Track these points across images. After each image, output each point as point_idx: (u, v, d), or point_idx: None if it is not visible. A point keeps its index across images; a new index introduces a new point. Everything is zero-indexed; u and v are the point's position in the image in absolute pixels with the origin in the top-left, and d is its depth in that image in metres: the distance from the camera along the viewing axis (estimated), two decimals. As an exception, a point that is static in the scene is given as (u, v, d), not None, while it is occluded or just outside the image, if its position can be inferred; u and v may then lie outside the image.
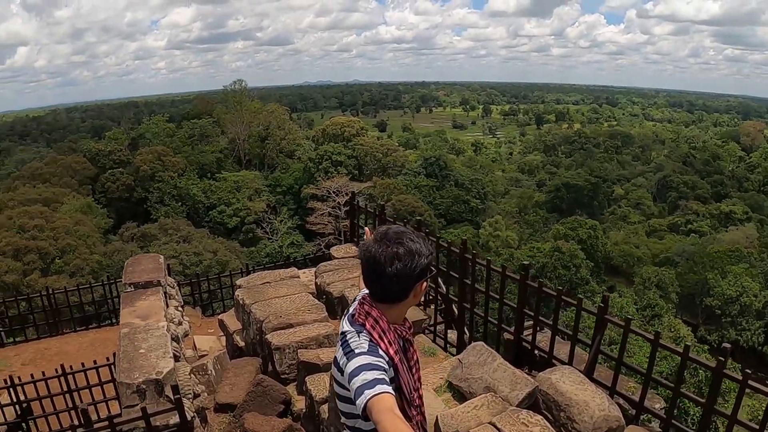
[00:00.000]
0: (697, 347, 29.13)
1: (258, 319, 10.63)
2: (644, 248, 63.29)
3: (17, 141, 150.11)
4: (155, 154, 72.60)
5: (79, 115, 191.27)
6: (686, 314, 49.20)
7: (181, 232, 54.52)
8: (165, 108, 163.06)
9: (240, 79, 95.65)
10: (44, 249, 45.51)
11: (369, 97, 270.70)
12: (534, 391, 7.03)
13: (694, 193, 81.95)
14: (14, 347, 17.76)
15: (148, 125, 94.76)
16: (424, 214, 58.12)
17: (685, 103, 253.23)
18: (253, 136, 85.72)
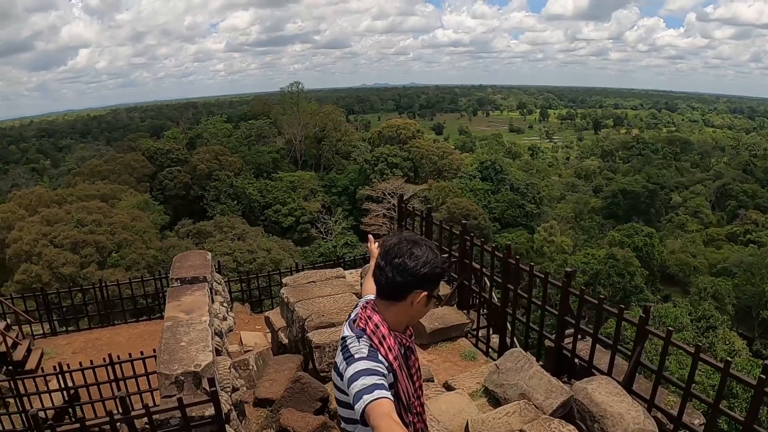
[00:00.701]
0: (751, 361, 28.44)
1: (301, 317, 10.72)
2: (701, 258, 61.80)
3: (78, 139, 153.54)
4: (212, 153, 73.40)
5: (139, 115, 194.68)
6: (742, 327, 48.06)
7: (236, 230, 54.92)
8: (223, 109, 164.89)
9: (297, 81, 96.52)
10: (101, 243, 46.32)
11: (426, 99, 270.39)
12: (569, 401, 6.94)
13: (754, 202, 79.86)
14: (66, 336, 18.26)
15: (206, 125, 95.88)
16: (478, 217, 57.86)
17: (747, 109, 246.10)
18: (309, 137, 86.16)
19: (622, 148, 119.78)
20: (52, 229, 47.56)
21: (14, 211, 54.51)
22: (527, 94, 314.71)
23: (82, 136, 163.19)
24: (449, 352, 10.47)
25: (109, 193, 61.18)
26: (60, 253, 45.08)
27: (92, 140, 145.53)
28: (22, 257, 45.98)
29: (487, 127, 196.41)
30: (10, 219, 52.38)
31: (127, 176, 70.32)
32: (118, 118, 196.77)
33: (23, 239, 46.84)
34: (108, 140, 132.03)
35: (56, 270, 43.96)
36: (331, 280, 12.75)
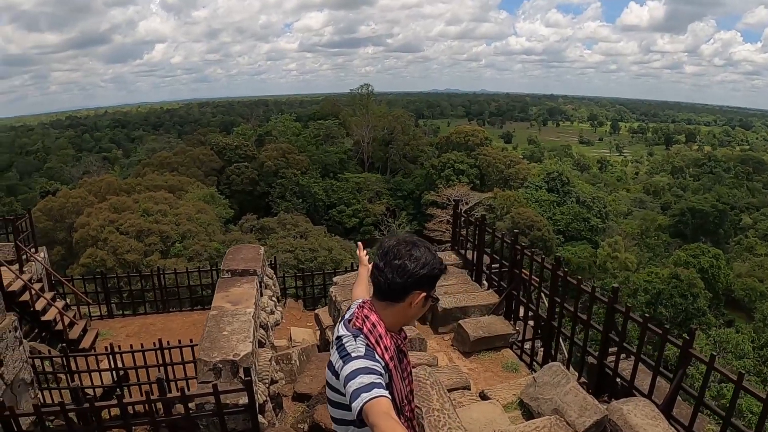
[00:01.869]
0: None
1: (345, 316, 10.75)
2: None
3: (150, 131, 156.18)
4: (280, 151, 74.08)
5: (211, 110, 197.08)
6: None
7: (299, 227, 55.19)
8: (293, 108, 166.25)
9: (366, 84, 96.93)
10: (165, 232, 47.02)
11: (496, 107, 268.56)
12: (602, 420, 6.79)
13: (829, 228, 77.84)
14: (122, 319, 18.76)
15: (275, 123, 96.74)
16: (542, 228, 57.27)
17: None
18: (377, 140, 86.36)
19: (692, 165, 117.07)
20: (119, 217, 48.47)
21: (84, 197, 55.77)
22: (599, 106, 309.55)
23: (154, 128, 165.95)
24: (491, 362, 10.35)
25: (177, 185, 62.10)
26: (125, 240, 45.92)
27: (164, 133, 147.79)
28: (89, 242, 47.02)
29: (556, 137, 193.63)
30: (80, 204, 53.64)
31: (195, 169, 71.26)
32: (190, 112, 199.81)
33: (91, 224, 47.91)
34: (179, 133, 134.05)
35: (120, 256, 44.75)
36: None
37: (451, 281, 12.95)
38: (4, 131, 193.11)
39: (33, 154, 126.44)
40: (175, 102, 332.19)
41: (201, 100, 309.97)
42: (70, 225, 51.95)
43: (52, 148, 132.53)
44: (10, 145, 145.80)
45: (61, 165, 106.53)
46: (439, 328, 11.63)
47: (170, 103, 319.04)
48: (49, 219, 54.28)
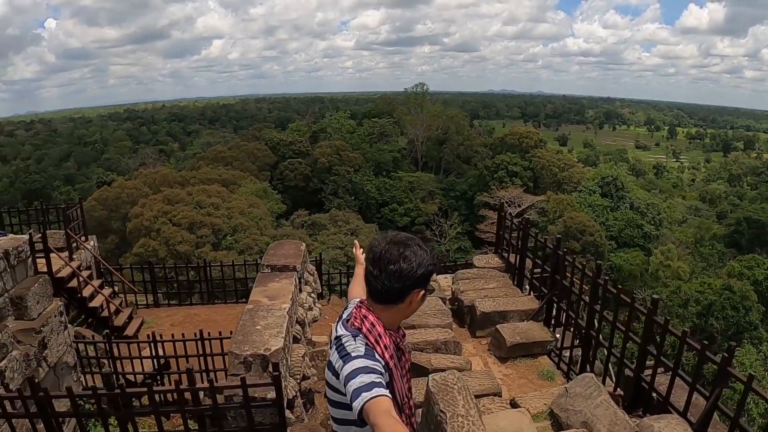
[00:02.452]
0: None
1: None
2: (827, 298, 58.72)
3: (207, 125, 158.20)
4: (334, 148, 74.19)
5: (267, 106, 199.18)
6: None
7: (350, 225, 55.37)
8: (349, 105, 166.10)
9: (421, 83, 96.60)
10: (217, 225, 47.57)
11: (552, 109, 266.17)
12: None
13: None
14: (168, 309, 19.04)
15: (330, 120, 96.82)
16: (594, 234, 56.52)
17: None
18: (431, 139, 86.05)
19: (751, 174, 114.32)
20: (173, 208, 49.11)
21: (139, 188, 56.65)
22: (656, 110, 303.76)
23: (210, 122, 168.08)
24: (527, 369, 10.21)
25: (230, 179, 62.70)
26: (177, 231, 46.54)
27: (220, 127, 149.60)
28: (142, 232, 47.81)
29: (612, 141, 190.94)
30: (135, 195, 54.50)
31: (249, 164, 71.79)
32: (246, 107, 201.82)
33: (144, 215, 48.70)
34: (235, 128, 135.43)
35: (172, 247, 45.38)
36: None
37: (492, 285, 12.88)
38: (63, 122, 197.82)
39: (91, 145, 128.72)
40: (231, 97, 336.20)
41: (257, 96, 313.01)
42: (125, 215, 52.84)
43: (109, 139, 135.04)
44: (69, 136, 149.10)
45: (119, 156, 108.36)
46: (477, 332, 11.57)
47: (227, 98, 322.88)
48: (105, 208, 55.22)
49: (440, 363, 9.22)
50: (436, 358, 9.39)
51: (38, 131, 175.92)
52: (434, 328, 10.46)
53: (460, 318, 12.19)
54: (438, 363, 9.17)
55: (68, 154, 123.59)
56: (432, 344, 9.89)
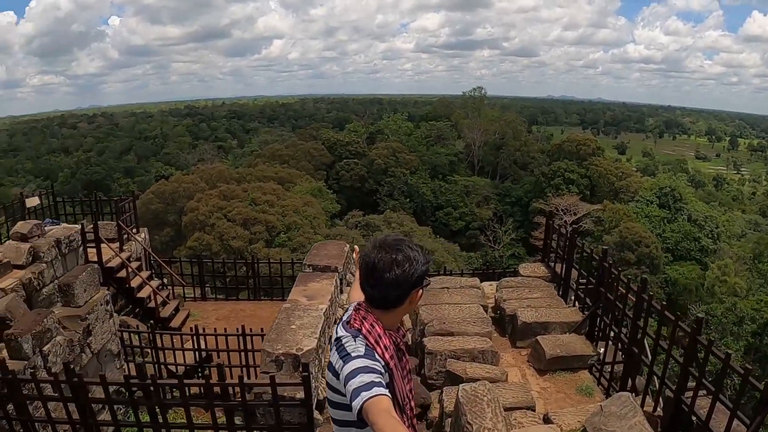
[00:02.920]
0: None
1: (423, 320, 10.84)
2: None
3: (265, 123, 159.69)
4: (390, 149, 74.36)
5: (326, 106, 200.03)
6: None
7: (404, 227, 55.31)
8: (407, 107, 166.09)
9: (479, 87, 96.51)
10: (271, 223, 47.98)
11: (611, 116, 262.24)
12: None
13: None
14: (215, 303, 19.26)
15: (387, 122, 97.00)
16: (650, 245, 55.55)
17: None
18: (488, 144, 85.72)
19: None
20: (228, 204, 49.65)
21: (196, 183, 57.42)
22: (717, 120, 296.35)
23: (269, 121, 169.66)
24: (565, 383, 9.96)
25: (286, 177, 63.17)
26: (232, 227, 47.08)
27: (278, 126, 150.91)
28: (197, 226, 48.45)
29: (672, 151, 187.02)
30: (191, 190, 55.23)
31: (305, 163, 72.25)
32: (305, 107, 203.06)
33: (200, 209, 49.35)
34: (293, 127, 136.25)
35: (226, 242, 45.91)
36: (464, 289, 12.74)
37: (536, 294, 12.67)
38: (125, 117, 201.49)
39: (151, 140, 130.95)
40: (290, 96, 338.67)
41: (316, 96, 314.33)
42: (181, 209, 53.63)
43: (169, 134, 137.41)
44: (130, 130, 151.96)
45: (178, 151, 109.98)
46: (518, 342, 11.34)
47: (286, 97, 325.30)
48: (161, 202, 56.08)
49: (475, 372, 9.09)
50: (471, 368, 9.26)
51: (100, 124, 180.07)
52: (473, 336, 10.29)
53: (501, 327, 12.00)
54: (473, 372, 9.05)
55: (129, 147, 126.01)
56: (469, 353, 9.74)
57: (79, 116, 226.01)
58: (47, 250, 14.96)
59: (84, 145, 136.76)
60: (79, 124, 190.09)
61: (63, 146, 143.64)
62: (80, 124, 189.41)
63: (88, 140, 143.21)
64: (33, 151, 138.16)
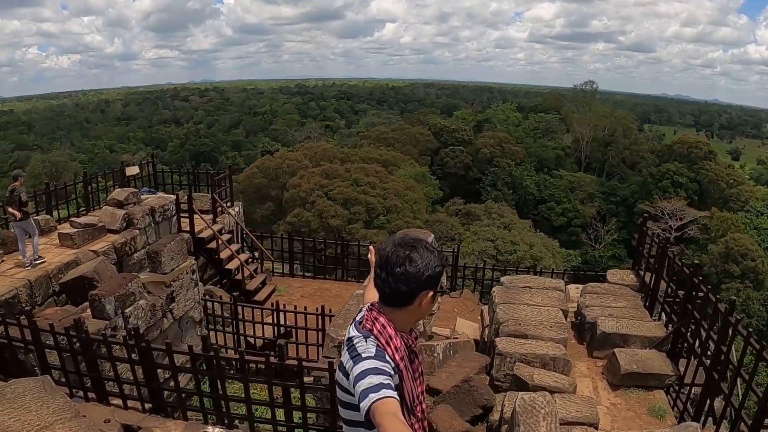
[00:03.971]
0: None
1: (498, 319, 10.58)
2: None
3: (374, 105, 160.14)
4: (497, 139, 73.65)
5: (435, 92, 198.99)
6: None
7: (504, 218, 54.65)
8: (518, 97, 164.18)
9: (590, 81, 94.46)
10: (371, 204, 48.20)
11: (727, 120, 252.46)
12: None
13: None
14: (302, 280, 19.62)
15: (496, 111, 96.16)
16: (756, 260, 53.17)
17: None
18: (596, 140, 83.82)
19: None
20: (329, 183, 50.13)
21: (299, 160, 58.05)
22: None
23: (378, 103, 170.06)
24: (638, 402, 9.48)
25: (390, 160, 63.23)
26: (332, 205, 47.55)
27: (387, 108, 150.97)
28: (297, 202, 49.17)
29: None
30: (295, 166, 55.87)
31: (410, 147, 72.16)
32: (415, 91, 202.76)
33: (302, 186, 50.02)
34: (402, 111, 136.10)
35: (325, 220, 46.38)
36: (546, 290, 12.26)
37: (620, 303, 12.18)
38: (236, 92, 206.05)
39: (260, 116, 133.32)
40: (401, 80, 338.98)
41: (426, 81, 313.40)
42: (283, 184, 54.40)
43: (278, 111, 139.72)
44: (241, 105, 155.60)
45: (285, 128, 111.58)
46: (595, 352, 10.94)
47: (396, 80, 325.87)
48: (265, 176, 56.89)
49: (542, 380, 8.80)
50: (539, 374, 8.96)
51: (212, 99, 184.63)
52: (547, 341, 9.94)
53: (580, 334, 11.68)
54: (540, 380, 8.77)
55: (238, 122, 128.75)
56: (540, 358, 9.43)
57: (191, 90, 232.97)
58: (141, 217, 15.55)
59: (194, 117, 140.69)
60: (191, 97, 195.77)
61: (174, 117, 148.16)
62: (192, 97, 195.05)
63: (199, 113, 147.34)
64: (145, 121, 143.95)
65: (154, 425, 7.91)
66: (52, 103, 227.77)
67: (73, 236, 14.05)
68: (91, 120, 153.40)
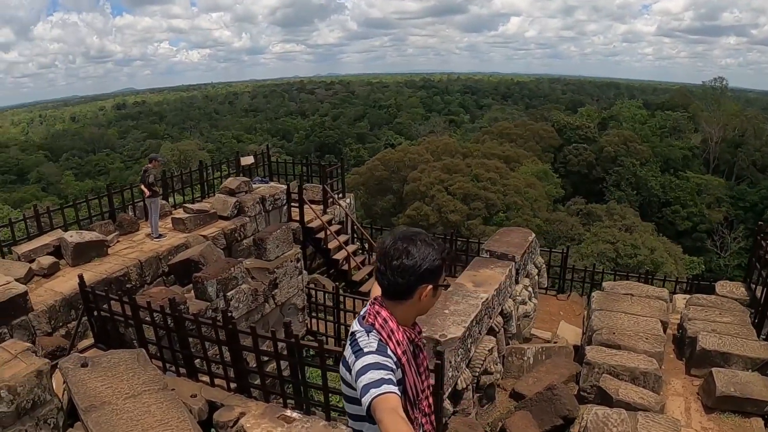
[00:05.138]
0: None
1: (592, 326, 10.34)
2: None
3: (499, 100, 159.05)
4: (621, 137, 71.93)
5: (561, 87, 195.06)
6: None
7: (626, 220, 53.47)
8: (645, 94, 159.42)
9: (720, 77, 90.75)
10: (491, 200, 48.09)
11: None
12: None
13: None
14: None
15: (621, 108, 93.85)
16: None
17: None
18: (726, 140, 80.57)
19: None
20: (449, 178, 50.22)
21: (421, 154, 58.30)
22: None
23: (503, 98, 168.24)
24: (732, 428, 8.75)
25: (512, 156, 62.77)
26: (451, 200, 47.63)
27: (511, 104, 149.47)
28: (417, 196, 49.54)
29: None
30: (416, 160, 56.17)
31: (533, 144, 71.39)
32: (540, 86, 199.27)
33: (422, 180, 50.33)
34: (527, 106, 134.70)
35: (444, 215, 46.53)
36: (648, 299, 11.71)
37: (726, 318, 11.28)
38: (361, 86, 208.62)
39: (385, 109, 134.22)
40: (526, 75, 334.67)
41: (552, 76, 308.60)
42: (404, 178, 54.74)
43: (403, 105, 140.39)
44: (366, 98, 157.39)
45: (410, 122, 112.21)
46: (692, 369, 10.23)
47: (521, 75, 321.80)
48: (386, 169, 57.31)
49: (627, 395, 8.46)
50: (625, 389, 8.61)
51: (337, 92, 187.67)
52: (639, 354, 9.49)
53: (679, 348, 11.03)
54: (625, 395, 8.44)
55: (363, 114, 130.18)
56: (630, 371, 9.03)
57: (317, 83, 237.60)
58: (252, 205, 16.17)
59: (320, 110, 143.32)
60: (316, 90, 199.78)
61: (300, 109, 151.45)
62: (318, 90, 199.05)
63: (325, 106, 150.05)
64: (272, 113, 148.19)
65: (237, 404, 8.28)
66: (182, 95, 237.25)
67: (185, 221, 14.88)
68: (220, 111, 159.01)
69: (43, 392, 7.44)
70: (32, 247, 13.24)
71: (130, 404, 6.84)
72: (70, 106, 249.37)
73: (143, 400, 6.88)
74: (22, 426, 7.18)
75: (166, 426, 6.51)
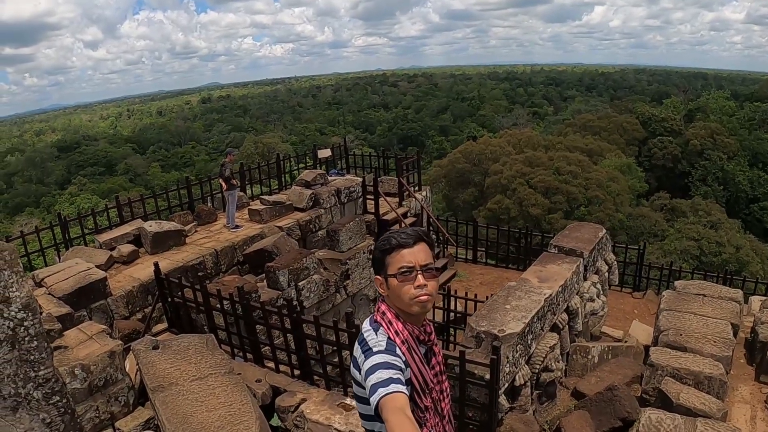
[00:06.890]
0: None
1: (660, 327, 10.07)
2: None
3: (583, 92, 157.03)
4: (708, 130, 70.02)
5: (646, 78, 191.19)
6: None
7: (711, 216, 52.19)
8: (734, 85, 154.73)
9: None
10: (573, 194, 47.52)
11: None
12: None
13: None
14: (484, 267, 19.97)
15: (708, 99, 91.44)
16: None
17: None
18: (817, 133, 78.14)
19: None
20: (531, 171, 49.90)
21: (502, 147, 57.99)
22: None
23: (587, 89, 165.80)
24: None
25: (595, 149, 61.91)
26: (532, 194, 47.32)
27: (596, 95, 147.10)
28: (498, 189, 49.39)
29: None
30: (498, 153, 55.88)
31: (617, 136, 70.14)
32: (625, 77, 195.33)
33: (503, 173, 50.16)
34: (611, 98, 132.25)
35: (525, 208, 46.30)
36: (721, 301, 11.18)
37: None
38: (444, 78, 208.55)
39: (468, 101, 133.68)
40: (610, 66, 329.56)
41: (637, 67, 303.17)
42: (485, 170, 54.50)
43: (486, 97, 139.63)
44: (448, 91, 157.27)
45: (493, 114, 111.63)
46: (762, 376, 9.77)
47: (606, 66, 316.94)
48: (468, 162, 57.17)
49: (688, 400, 8.13)
50: (686, 393, 8.27)
51: (420, 84, 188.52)
52: (705, 358, 9.08)
53: (750, 353, 10.52)
54: (686, 399, 8.12)
55: (445, 107, 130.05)
56: (694, 376, 8.66)
57: (399, 75, 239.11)
58: (327, 197, 16.46)
59: (403, 102, 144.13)
60: (399, 82, 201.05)
61: (383, 102, 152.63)
62: (400, 82, 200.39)
63: (407, 98, 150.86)
64: (355, 105, 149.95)
65: (299, 390, 8.60)
66: (266, 88, 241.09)
67: (261, 212, 15.30)
68: (303, 104, 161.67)
69: (115, 371, 8.07)
70: (113, 236, 13.91)
71: (196, 386, 7.17)
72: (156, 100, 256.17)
73: (209, 383, 7.20)
74: (94, 402, 7.79)
75: (229, 408, 6.79)
